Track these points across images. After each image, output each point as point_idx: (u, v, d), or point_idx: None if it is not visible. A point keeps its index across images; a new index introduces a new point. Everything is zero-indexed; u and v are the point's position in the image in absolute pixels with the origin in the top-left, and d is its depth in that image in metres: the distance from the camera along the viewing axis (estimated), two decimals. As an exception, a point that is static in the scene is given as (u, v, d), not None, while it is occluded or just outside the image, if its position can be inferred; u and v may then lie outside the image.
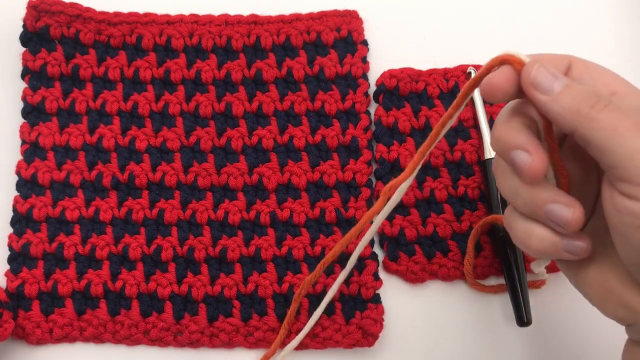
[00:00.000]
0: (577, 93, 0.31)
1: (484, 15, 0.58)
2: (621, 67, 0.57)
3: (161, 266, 0.50)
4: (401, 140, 0.53)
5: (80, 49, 0.54)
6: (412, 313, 0.51)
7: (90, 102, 0.53)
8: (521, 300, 0.48)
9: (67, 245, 0.50)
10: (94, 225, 0.51)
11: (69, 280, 0.49)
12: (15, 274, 0.50)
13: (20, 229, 0.50)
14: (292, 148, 0.53)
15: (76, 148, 0.52)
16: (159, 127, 0.53)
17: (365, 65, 0.55)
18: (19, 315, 0.49)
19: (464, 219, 0.51)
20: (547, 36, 0.57)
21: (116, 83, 0.54)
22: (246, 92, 0.54)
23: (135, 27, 0.54)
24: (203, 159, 0.52)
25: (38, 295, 0.49)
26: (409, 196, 0.52)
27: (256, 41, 0.55)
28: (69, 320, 0.49)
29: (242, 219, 0.51)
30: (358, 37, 0.55)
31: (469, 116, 0.53)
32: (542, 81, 0.32)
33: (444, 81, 0.54)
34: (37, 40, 0.53)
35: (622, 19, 0.58)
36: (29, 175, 0.51)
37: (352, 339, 0.49)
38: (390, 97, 0.54)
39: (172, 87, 0.54)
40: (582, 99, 0.31)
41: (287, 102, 0.54)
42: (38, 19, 0.53)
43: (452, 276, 0.51)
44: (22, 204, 0.51)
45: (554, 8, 0.58)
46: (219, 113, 0.53)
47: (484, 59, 0.54)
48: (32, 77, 0.53)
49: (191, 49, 0.54)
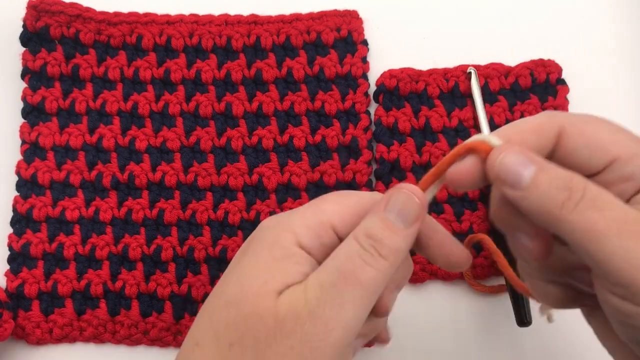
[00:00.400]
0: (546, 188, 0.28)
1: (484, 15, 0.58)
2: (621, 67, 0.58)
3: (161, 266, 0.50)
4: (401, 140, 0.53)
5: (80, 49, 0.54)
6: (412, 313, 0.51)
7: (90, 102, 0.53)
8: (520, 300, 0.48)
9: (67, 245, 0.50)
10: (94, 225, 0.51)
11: (69, 280, 0.49)
12: (15, 274, 0.50)
13: (20, 229, 0.50)
14: (292, 148, 0.53)
15: (76, 148, 0.52)
16: (159, 127, 0.53)
17: (365, 65, 0.55)
18: (19, 316, 0.49)
19: (464, 219, 0.51)
20: (547, 36, 0.57)
21: (116, 83, 0.54)
22: (246, 92, 0.54)
23: (135, 27, 0.54)
24: (203, 159, 0.52)
25: (38, 295, 0.49)
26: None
27: (256, 41, 0.54)
28: (69, 320, 0.49)
29: (242, 219, 0.51)
30: (358, 37, 0.55)
31: (469, 116, 0.53)
32: (507, 175, 0.29)
33: (444, 81, 0.54)
34: (37, 40, 0.53)
35: (622, 19, 0.58)
36: (28, 176, 0.51)
37: (352, 339, 0.49)
38: (390, 97, 0.54)
39: (172, 87, 0.54)
40: (551, 197, 0.28)
41: (287, 102, 0.54)
42: (38, 18, 0.53)
43: (452, 276, 0.51)
44: (22, 204, 0.51)
45: (554, 8, 0.58)
46: (219, 113, 0.53)
47: (484, 58, 0.55)
48: (32, 77, 0.53)
49: (191, 49, 0.54)
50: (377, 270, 0.30)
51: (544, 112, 0.32)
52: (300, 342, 0.29)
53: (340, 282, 0.29)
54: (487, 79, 0.54)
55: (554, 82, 0.54)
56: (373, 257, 0.30)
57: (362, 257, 0.30)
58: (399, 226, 0.31)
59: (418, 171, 0.52)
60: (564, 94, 0.54)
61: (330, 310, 0.29)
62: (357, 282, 0.29)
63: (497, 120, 0.53)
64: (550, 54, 0.55)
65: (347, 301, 0.29)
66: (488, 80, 0.54)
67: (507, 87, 0.54)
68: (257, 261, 0.31)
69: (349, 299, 0.29)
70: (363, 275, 0.30)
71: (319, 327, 0.29)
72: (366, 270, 0.30)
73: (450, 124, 0.53)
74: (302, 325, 0.29)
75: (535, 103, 0.54)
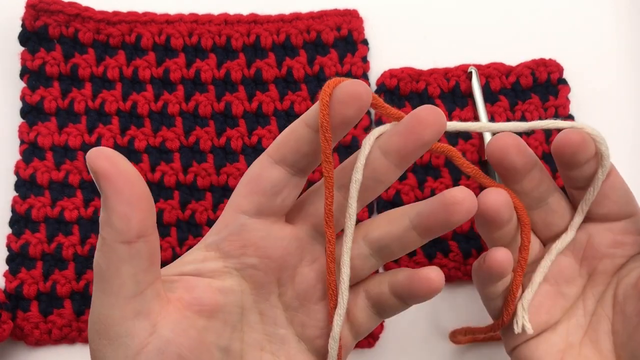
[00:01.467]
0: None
1: (485, 14, 0.58)
2: (623, 67, 0.57)
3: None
4: (401, 140, 0.53)
5: (79, 49, 0.54)
6: (412, 313, 0.51)
7: (89, 102, 0.53)
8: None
9: (66, 246, 0.50)
10: (93, 225, 0.51)
11: (68, 281, 0.49)
12: (13, 274, 0.49)
13: (18, 229, 0.50)
14: (292, 148, 0.52)
15: (75, 148, 0.52)
16: (158, 126, 0.53)
17: (366, 64, 0.55)
18: (17, 316, 0.49)
19: (465, 220, 0.51)
20: (548, 36, 0.57)
21: (115, 83, 0.53)
22: (246, 91, 0.53)
23: (134, 27, 0.54)
24: (202, 159, 0.52)
25: (37, 295, 0.49)
26: (409, 196, 0.52)
27: (256, 40, 0.54)
28: (68, 321, 0.49)
29: (242, 220, 0.51)
30: (358, 36, 0.55)
31: (469, 116, 0.53)
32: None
33: (444, 81, 0.54)
34: (36, 40, 0.53)
35: (624, 18, 0.58)
36: (27, 176, 0.51)
37: (352, 340, 0.49)
38: (391, 96, 0.54)
39: (172, 86, 0.54)
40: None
41: (287, 101, 0.53)
42: (37, 18, 0.53)
43: (453, 276, 0.51)
44: (20, 204, 0.51)
45: (556, 7, 0.58)
46: (218, 113, 0.53)
47: (485, 58, 0.55)
48: (30, 76, 0.53)
49: (190, 49, 0.54)
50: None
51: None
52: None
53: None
54: (488, 79, 0.54)
55: (555, 81, 0.54)
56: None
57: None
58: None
59: (418, 171, 0.52)
60: (565, 93, 0.54)
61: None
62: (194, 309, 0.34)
63: (498, 120, 0.53)
64: (551, 54, 0.55)
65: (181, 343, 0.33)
66: (489, 79, 0.54)
67: (508, 87, 0.54)
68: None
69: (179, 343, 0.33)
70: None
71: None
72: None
73: (450, 123, 0.53)
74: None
75: (536, 103, 0.54)
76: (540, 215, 0.39)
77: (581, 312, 0.39)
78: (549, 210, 0.38)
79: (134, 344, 0.30)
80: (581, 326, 0.39)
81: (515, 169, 0.36)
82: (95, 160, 0.30)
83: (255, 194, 0.34)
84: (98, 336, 0.31)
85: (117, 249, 0.30)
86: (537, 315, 0.39)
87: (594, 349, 0.38)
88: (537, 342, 0.39)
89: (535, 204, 0.38)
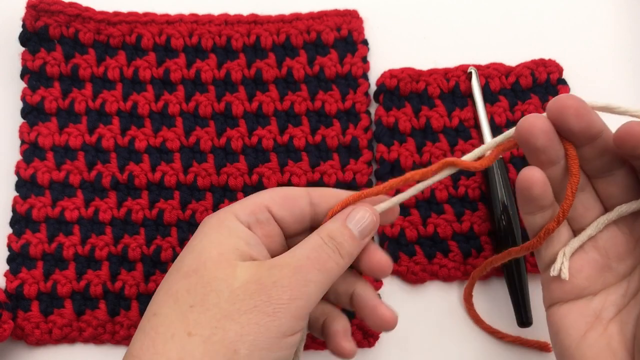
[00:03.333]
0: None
1: (485, 14, 0.58)
2: (622, 67, 0.57)
3: (161, 267, 0.50)
4: (401, 140, 0.53)
5: (79, 49, 0.54)
6: (412, 313, 0.51)
7: (90, 102, 0.53)
8: (521, 300, 0.48)
9: (66, 246, 0.50)
10: (93, 225, 0.51)
11: (68, 281, 0.49)
12: (14, 274, 0.50)
13: (19, 229, 0.50)
14: (292, 148, 0.52)
15: (75, 148, 0.52)
16: (159, 127, 0.53)
17: (366, 65, 0.55)
18: (18, 316, 0.49)
19: (465, 220, 0.51)
20: (548, 36, 0.57)
21: (115, 83, 0.53)
22: (246, 92, 0.54)
23: (134, 27, 0.54)
24: (203, 159, 0.52)
25: (37, 295, 0.49)
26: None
27: (256, 41, 0.54)
28: (68, 320, 0.49)
29: (242, 220, 0.51)
30: (358, 36, 0.55)
31: (469, 116, 0.53)
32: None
33: (444, 81, 0.54)
34: (37, 40, 0.53)
35: (623, 19, 0.58)
36: (28, 176, 0.51)
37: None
38: (391, 97, 0.54)
39: (172, 87, 0.54)
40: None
41: (287, 102, 0.53)
42: (37, 18, 0.53)
43: (453, 277, 0.51)
44: (21, 204, 0.51)
45: (555, 8, 0.58)
46: (218, 113, 0.53)
47: (485, 58, 0.55)
48: (31, 77, 0.53)
49: (191, 49, 0.54)
50: (337, 264, 0.36)
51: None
52: (265, 303, 0.34)
53: (306, 265, 0.35)
54: (487, 79, 0.54)
55: (554, 82, 0.54)
56: (335, 253, 0.36)
57: (326, 251, 0.36)
58: (357, 236, 0.37)
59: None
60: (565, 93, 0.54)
61: (296, 284, 0.34)
62: (322, 268, 0.36)
63: (497, 120, 0.53)
64: (551, 54, 0.55)
65: (311, 281, 0.35)
66: (489, 80, 0.54)
67: (508, 87, 0.54)
68: (208, 240, 0.37)
69: (312, 279, 0.35)
70: (326, 264, 0.36)
71: (285, 295, 0.34)
72: (329, 261, 0.36)
73: (450, 124, 0.53)
74: (268, 291, 0.34)
75: (536, 103, 0.54)
76: (602, 185, 0.39)
77: (622, 292, 0.39)
78: (612, 182, 0.38)
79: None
80: (617, 306, 0.39)
81: (572, 133, 0.36)
82: None
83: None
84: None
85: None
86: (573, 277, 0.39)
87: (620, 330, 0.38)
88: (569, 308, 0.39)
89: (598, 173, 0.39)
